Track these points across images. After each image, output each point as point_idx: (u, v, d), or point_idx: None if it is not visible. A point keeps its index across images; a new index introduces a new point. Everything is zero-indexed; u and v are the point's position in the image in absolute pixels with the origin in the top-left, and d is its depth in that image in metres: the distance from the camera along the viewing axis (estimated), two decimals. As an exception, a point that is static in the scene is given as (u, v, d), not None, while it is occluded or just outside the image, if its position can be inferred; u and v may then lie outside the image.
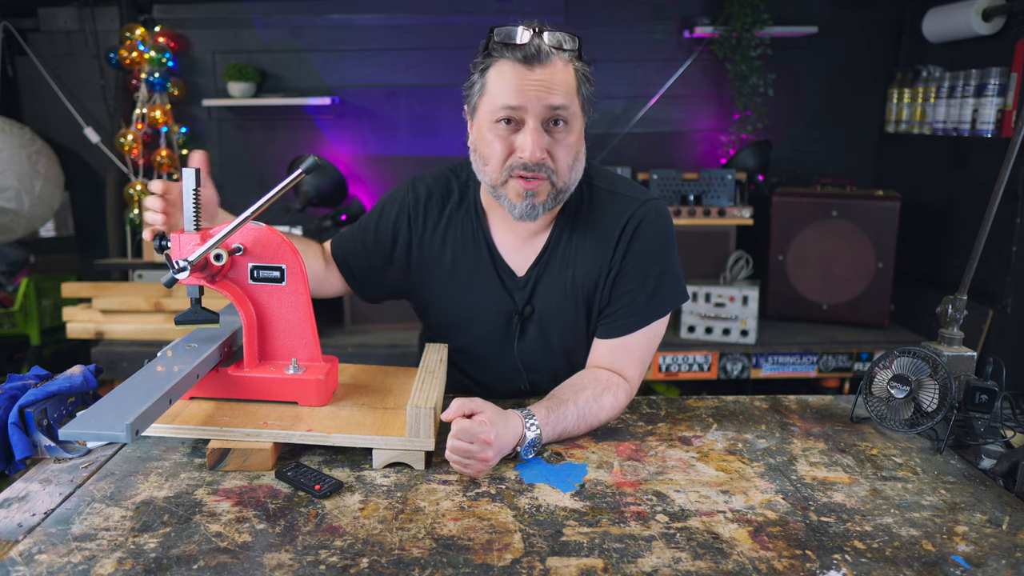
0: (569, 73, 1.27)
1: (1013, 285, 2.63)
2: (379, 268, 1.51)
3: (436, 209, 1.47)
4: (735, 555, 0.97)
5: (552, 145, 1.28)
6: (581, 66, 1.30)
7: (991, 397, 1.28)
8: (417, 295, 1.53)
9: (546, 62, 1.25)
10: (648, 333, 1.40)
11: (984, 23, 2.79)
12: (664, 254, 1.40)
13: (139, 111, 3.36)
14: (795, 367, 3.01)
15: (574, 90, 1.28)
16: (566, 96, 1.26)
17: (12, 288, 3.59)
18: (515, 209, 1.33)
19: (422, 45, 3.46)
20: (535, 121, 1.26)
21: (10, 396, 1.21)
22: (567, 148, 1.29)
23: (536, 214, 1.33)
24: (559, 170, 1.30)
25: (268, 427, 1.19)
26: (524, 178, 1.29)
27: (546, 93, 1.24)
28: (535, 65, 1.24)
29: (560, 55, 1.26)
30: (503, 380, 1.51)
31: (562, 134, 1.28)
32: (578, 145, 1.32)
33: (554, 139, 1.28)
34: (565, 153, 1.29)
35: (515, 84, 1.25)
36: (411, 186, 1.50)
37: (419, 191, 1.49)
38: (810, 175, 3.43)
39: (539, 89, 1.24)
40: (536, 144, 1.26)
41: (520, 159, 1.27)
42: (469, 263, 1.45)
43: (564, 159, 1.30)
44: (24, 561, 0.92)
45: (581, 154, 1.34)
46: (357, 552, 0.96)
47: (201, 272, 1.18)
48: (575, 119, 1.29)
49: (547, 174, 1.29)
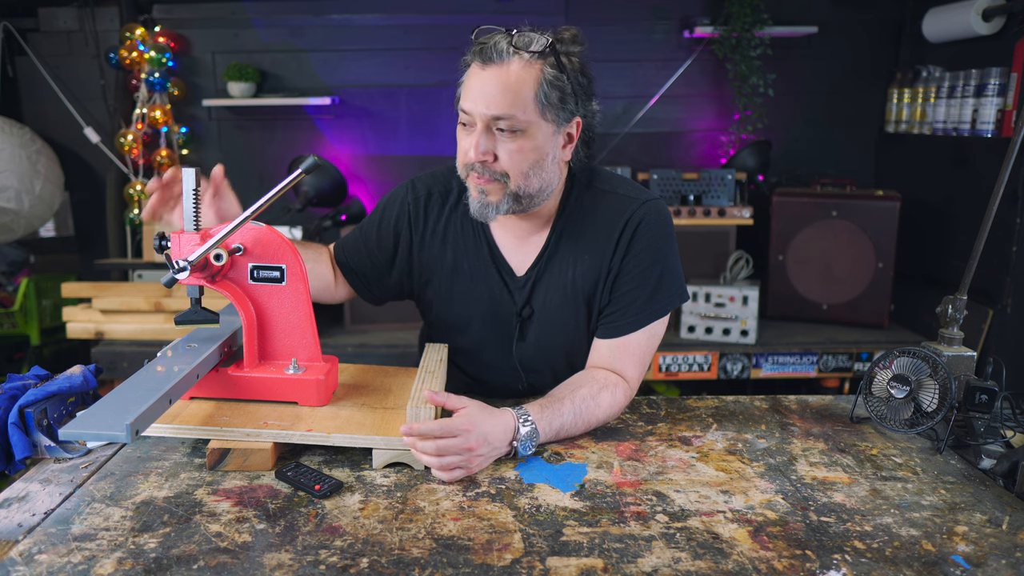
0: (528, 76, 1.25)
1: (1013, 285, 2.63)
2: (383, 270, 1.51)
3: (436, 208, 1.48)
4: (735, 555, 0.97)
5: (498, 149, 1.29)
6: (551, 70, 1.27)
7: (991, 397, 1.28)
8: (420, 294, 1.53)
9: (499, 62, 1.25)
10: (648, 333, 1.40)
11: (984, 23, 2.79)
12: (664, 254, 1.40)
13: (139, 111, 3.36)
14: (795, 367, 3.01)
15: (530, 96, 1.26)
16: (512, 103, 1.25)
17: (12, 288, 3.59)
18: (472, 204, 1.35)
19: (422, 45, 3.46)
20: (480, 124, 1.28)
21: (10, 396, 1.21)
22: (516, 154, 1.29)
23: (489, 214, 1.34)
24: (510, 174, 1.30)
25: (268, 427, 1.19)
26: (475, 176, 1.32)
27: (488, 100, 1.25)
28: (488, 65, 1.26)
29: (520, 55, 1.25)
30: (503, 380, 1.51)
31: (507, 139, 1.28)
32: (537, 152, 1.30)
33: (500, 144, 1.29)
34: (516, 159, 1.29)
35: (470, 87, 1.28)
36: (411, 186, 1.50)
37: (419, 191, 1.49)
38: (810, 175, 3.43)
39: (484, 94, 1.26)
40: (475, 147, 1.28)
41: (467, 158, 1.31)
42: (470, 262, 1.45)
43: (514, 164, 1.29)
44: (24, 561, 0.92)
45: (546, 162, 1.32)
46: (357, 552, 0.96)
47: (201, 272, 1.18)
48: (532, 126, 1.28)
49: (495, 177, 1.30)
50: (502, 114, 1.26)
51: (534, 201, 1.35)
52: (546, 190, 1.35)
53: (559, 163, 1.35)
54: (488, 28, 1.29)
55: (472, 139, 1.29)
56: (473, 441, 1.14)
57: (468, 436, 1.14)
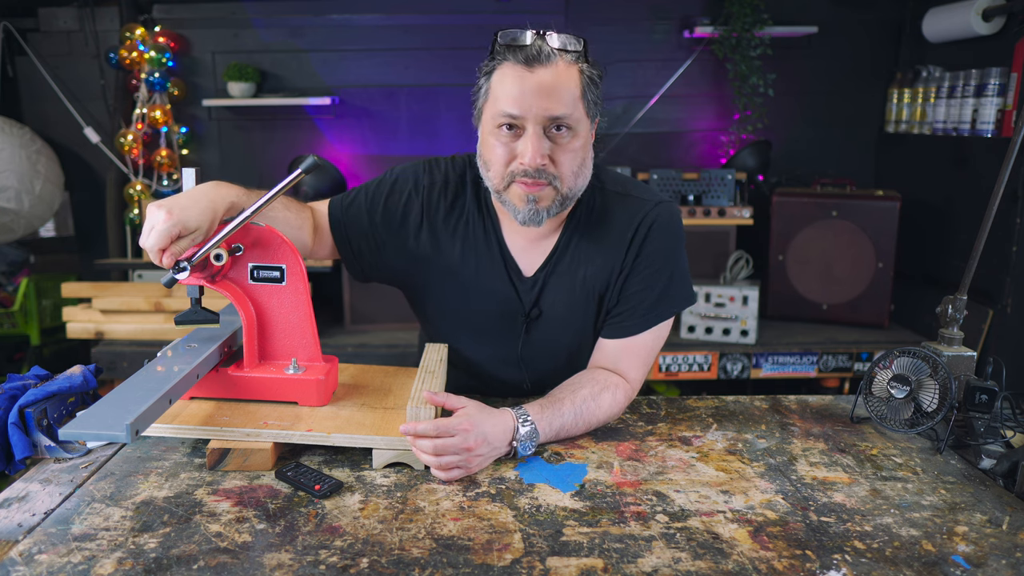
0: (572, 76, 1.26)
1: (1013, 285, 2.63)
2: (382, 244, 1.45)
3: (451, 198, 1.44)
4: (735, 555, 0.97)
5: (554, 151, 1.27)
6: (587, 68, 1.28)
7: (991, 397, 1.28)
8: (416, 284, 1.48)
9: (547, 63, 1.23)
10: (654, 335, 1.40)
11: (984, 23, 2.79)
12: (674, 257, 1.40)
13: (139, 111, 3.36)
14: (795, 367, 3.01)
15: (577, 95, 1.26)
16: (567, 103, 1.24)
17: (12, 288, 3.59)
18: (519, 214, 1.32)
19: (422, 45, 3.45)
20: (536, 127, 1.25)
21: (10, 396, 1.20)
22: (570, 154, 1.28)
23: (540, 219, 1.32)
24: (562, 176, 1.28)
25: (268, 427, 1.19)
26: (525, 183, 1.28)
27: (546, 101, 1.23)
28: (536, 67, 1.23)
29: (563, 57, 1.25)
30: (504, 380, 1.51)
31: (564, 140, 1.27)
32: (583, 151, 1.30)
33: (556, 144, 1.27)
34: (568, 159, 1.28)
35: (516, 90, 1.24)
36: (427, 169, 1.45)
37: (435, 177, 1.45)
38: (810, 175, 3.43)
39: (539, 96, 1.23)
40: (536, 151, 1.25)
41: (521, 165, 1.27)
42: (478, 258, 1.43)
43: (567, 165, 1.28)
44: (24, 561, 0.92)
45: (587, 159, 1.33)
46: (357, 552, 0.96)
47: (201, 272, 1.18)
48: (579, 124, 1.27)
49: (549, 180, 1.28)
50: (562, 114, 1.24)
51: (570, 203, 1.34)
52: (580, 191, 1.35)
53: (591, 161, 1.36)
54: (512, 31, 1.26)
55: (527, 143, 1.25)
56: (472, 441, 1.14)
57: (467, 436, 1.14)
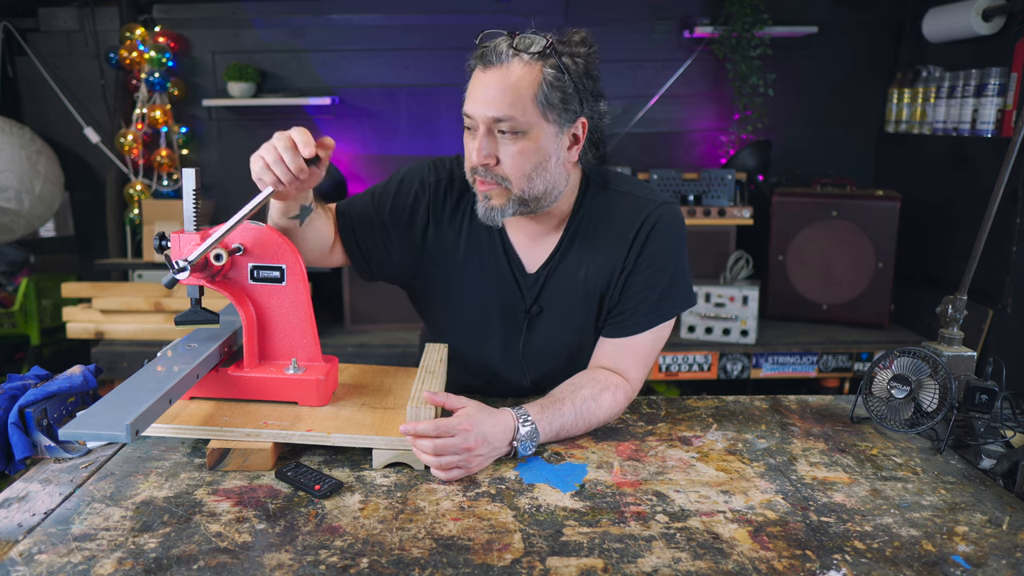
0: (528, 77, 1.25)
1: (1013, 285, 2.63)
2: (391, 244, 1.45)
3: (456, 196, 1.45)
4: (735, 555, 0.97)
5: (500, 152, 1.29)
6: (550, 71, 1.26)
7: (991, 397, 1.28)
8: (423, 281, 1.49)
9: (499, 64, 1.25)
10: (654, 335, 1.40)
11: (984, 23, 2.79)
12: (676, 257, 1.40)
13: (139, 111, 3.36)
14: (795, 367, 3.01)
15: (530, 96, 1.25)
16: (510, 104, 1.25)
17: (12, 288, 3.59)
18: (479, 210, 1.35)
19: (422, 45, 3.45)
20: (483, 127, 1.28)
21: (10, 396, 1.21)
22: (518, 156, 1.28)
23: (494, 218, 1.34)
24: (511, 177, 1.29)
25: (268, 427, 1.19)
26: (479, 180, 1.32)
27: (488, 102, 1.25)
28: (488, 67, 1.26)
29: (520, 57, 1.25)
30: (505, 377, 1.51)
31: (508, 141, 1.28)
32: (538, 154, 1.29)
33: (501, 146, 1.29)
34: (514, 161, 1.28)
35: (472, 90, 1.29)
36: (433, 167, 1.47)
37: (441, 175, 1.46)
38: (810, 175, 3.43)
39: (484, 97, 1.26)
40: (477, 149, 1.28)
41: (471, 162, 1.31)
42: (482, 256, 1.44)
43: (515, 167, 1.29)
44: (24, 561, 0.92)
45: (550, 163, 1.31)
46: (357, 552, 0.96)
47: (201, 272, 1.18)
48: (533, 128, 1.27)
49: (497, 180, 1.30)
50: (502, 115, 1.25)
51: (541, 203, 1.35)
52: (553, 192, 1.34)
53: (564, 164, 1.34)
54: (492, 32, 1.28)
55: (475, 142, 1.29)
56: (472, 441, 1.15)
57: (467, 436, 1.14)
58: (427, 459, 1.14)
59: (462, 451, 1.14)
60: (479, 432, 1.16)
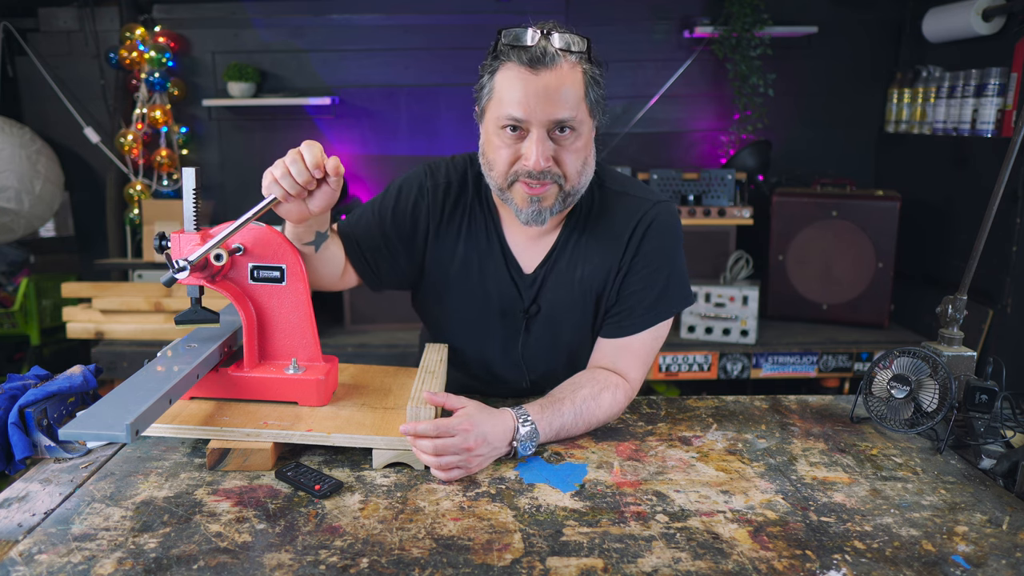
0: (576, 77, 1.26)
1: (1013, 285, 2.63)
2: (398, 255, 1.46)
3: (454, 198, 1.45)
4: (735, 555, 0.97)
5: (558, 152, 1.28)
6: (590, 68, 1.28)
7: (991, 397, 1.28)
8: (426, 285, 1.50)
9: (551, 66, 1.23)
10: (652, 335, 1.40)
11: (984, 23, 2.79)
12: (672, 257, 1.40)
13: (139, 111, 3.37)
14: (795, 367, 3.01)
15: (581, 96, 1.26)
16: (572, 105, 1.25)
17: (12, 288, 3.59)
18: (521, 214, 1.33)
19: (422, 45, 3.45)
20: (540, 131, 1.25)
21: (10, 396, 1.20)
22: (574, 154, 1.29)
23: (543, 219, 1.33)
24: (567, 175, 1.29)
25: (268, 427, 1.19)
26: (529, 184, 1.29)
27: (550, 105, 1.23)
28: (540, 69, 1.23)
29: (567, 58, 1.25)
30: (505, 378, 1.51)
31: (568, 140, 1.27)
32: (586, 150, 1.31)
33: (560, 146, 1.27)
34: (572, 159, 1.29)
35: (520, 92, 1.23)
36: (429, 172, 1.46)
37: (438, 178, 1.46)
38: (810, 175, 3.43)
39: (543, 99, 1.23)
40: (540, 154, 1.25)
41: (525, 167, 1.27)
42: (480, 257, 1.44)
43: (572, 165, 1.29)
44: (24, 561, 0.92)
45: (590, 158, 1.34)
46: (357, 552, 0.96)
47: (201, 272, 1.18)
48: (583, 125, 1.28)
49: (553, 180, 1.29)
50: (566, 117, 1.24)
51: (573, 201, 1.35)
52: (583, 189, 1.35)
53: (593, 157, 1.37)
54: (516, 30, 1.25)
55: (531, 146, 1.25)
56: (471, 441, 1.15)
57: (466, 436, 1.14)
58: (427, 459, 1.14)
59: (462, 451, 1.14)
60: (479, 432, 1.16)
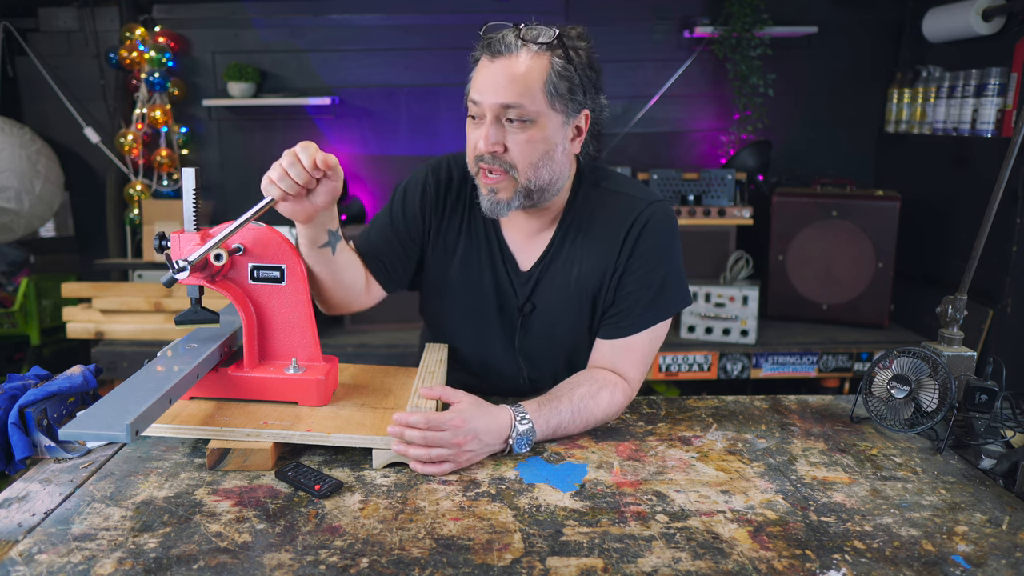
0: (537, 66, 1.26)
1: (1013, 285, 2.63)
2: (412, 253, 1.48)
3: (455, 195, 1.47)
4: (735, 555, 0.97)
5: (508, 139, 1.29)
6: (560, 61, 1.28)
7: (991, 397, 1.28)
8: (428, 280, 1.51)
9: (508, 54, 1.26)
10: (650, 335, 1.40)
11: (984, 23, 2.79)
12: (669, 256, 1.40)
13: (139, 111, 3.37)
14: (795, 367, 3.01)
15: (539, 86, 1.26)
16: (522, 92, 1.25)
17: (12, 288, 3.59)
18: (483, 204, 1.35)
19: (422, 45, 3.46)
20: (491, 115, 1.28)
21: (10, 396, 1.20)
22: (526, 145, 1.28)
23: (500, 210, 1.34)
24: (518, 167, 1.30)
25: (268, 427, 1.19)
26: (484, 171, 1.31)
27: (500, 88, 1.25)
28: (497, 57, 1.26)
29: (528, 47, 1.26)
30: (503, 376, 1.51)
31: (516, 131, 1.28)
32: (545, 143, 1.30)
33: (509, 135, 1.29)
34: (522, 149, 1.29)
35: (479, 78, 1.28)
36: (431, 169, 1.48)
37: (440, 175, 1.47)
38: (810, 175, 3.43)
39: (494, 84, 1.26)
40: (485, 137, 1.28)
41: (476, 150, 1.31)
42: (479, 253, 1.45)
43: (523, 156, 1.29)
44: (24, 561, 0.92)
45: (555, 153, 1.32)
46: (357, 552, 0.96)
47: (201, 272, 1.18)
48: (541, 117, 1.28)
49: (504, 168, 1.30)
50: (511, 102, 1.26)
51: (545, 195, 1.35)
52: (556, 183, 1.35)
53: (568, 155, 1.36)
54: (497, 24, 1.29)
55: (481, 130, 1.29)
56: (461, 437, 1.16)
57: (456, 432, 1.15)
58: (415, 452, 1.15)
59: (451, 446, 1.15)
60: (470, 428, 1.17)
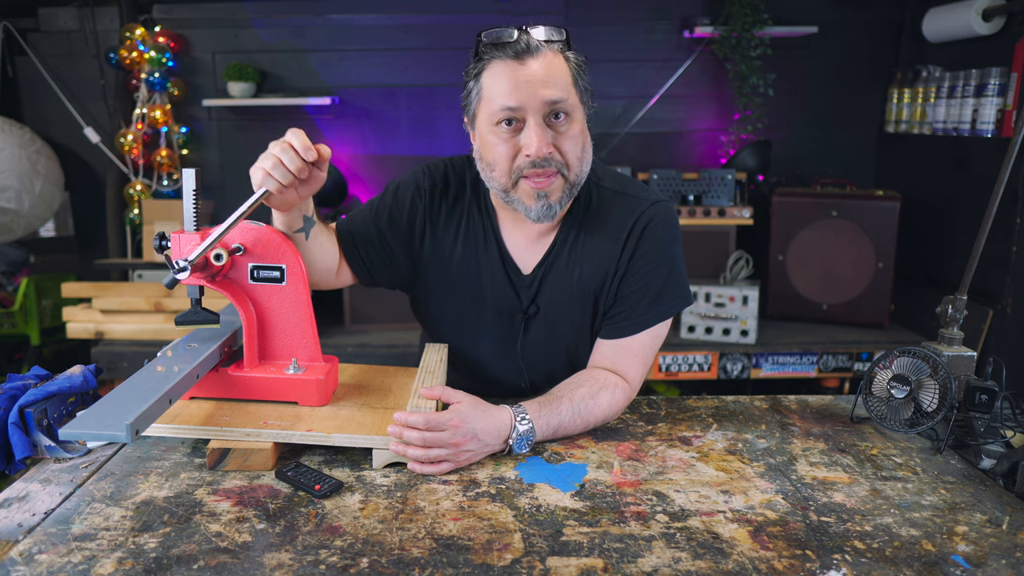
0: (562, 64, 1.27)
1: (1013, 285, 2.63)
2: (392, 252, 1.46)
3: (451, 199, 1.45)
4: (735, 555, 0.97)
5: (557, 139, 1.27)
6: (574, 56, 1.29)
7: (991, 397, 1.28)
8: (422, 286, 1.50)
9: (536, 54, 1.25)
10: (651, 335, 1.40)
11: (984, 23, 2.79)
12: (671, 256, 1.40)
13: (139, 111, 3.37)
14: (795, 367, 3.01)
15: (570, 81, 1.27)
16: (563, 88, 1.25)
17: (12, 288, 3.59)
18: (531, 211, 1.32)
19: (422, 45, 3.46)
20: (536, 117, 1.25)
21: (10, 396, 1.20)
22: (572, 140, 1.29)
23: (553, 213, 1.32)
24: (569, 163, 1.29)
25: (268, 427, 1.19)
26: (534, 177, 1.28)
27: (542, 88, 1.24)
28: (526, 59, 1.24)
29: (550, 47, 1.26)
30: (504, 379, 1.51)
31: (564, 126, 1.27)
32: (583, 136, 1.31)
33: (558, 132, 1.27)
34: (571, 145, 1.29)
35: (510, 83, 1.24)
36: (426, 172, 1.46)
37: (435, 178, 1.46)
38: (810, 175, 3.43)
39: (535, 84, 1.24)
40: (541, 140, 1.25)
41: (527, 158, 1.27)
42: (478, 258, 1.44)
43: (572, 151, 1.29)
44: (24, 561, 0.92)
45: (587, 145, 1.33)
46: (357, 552, 0.96)
47: (201, 272, 1.18)
48: (575, 110, 1.28)
49: (557, 168, 1.28)
50: (558, 97, 1.25)
51: (577, 189, 1.35)
52: (584, 177, 1.35)
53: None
54: (497, 30, 1.27)
55: (531, 134, 1.25)
56: (459, 437, 1.16)
57: (455, 432, 1.15)
58: (413, 452, 1.15)
59: (449, 446, 1.15)
60: (468, 429, 1.17)
